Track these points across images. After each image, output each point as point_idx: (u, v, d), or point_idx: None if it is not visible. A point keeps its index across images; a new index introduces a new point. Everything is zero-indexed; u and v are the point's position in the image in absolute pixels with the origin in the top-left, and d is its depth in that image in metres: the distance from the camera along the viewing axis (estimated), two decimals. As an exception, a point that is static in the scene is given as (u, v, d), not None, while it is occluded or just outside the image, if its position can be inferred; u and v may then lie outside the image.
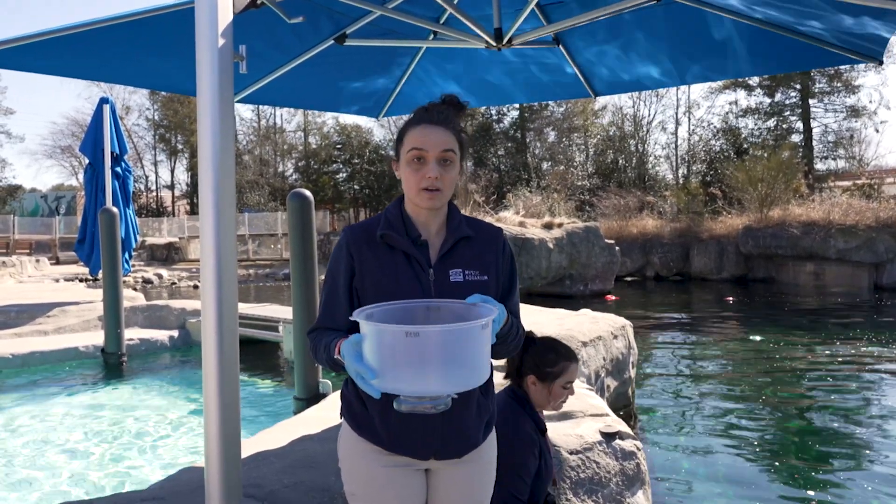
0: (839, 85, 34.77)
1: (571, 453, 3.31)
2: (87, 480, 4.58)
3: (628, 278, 24.04)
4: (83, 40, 2.77)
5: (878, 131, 40.28)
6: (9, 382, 7.25)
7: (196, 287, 23.99)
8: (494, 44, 3.51)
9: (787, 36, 3.51)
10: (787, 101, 36.40)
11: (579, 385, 4.50)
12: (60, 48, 2.81)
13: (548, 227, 18.55)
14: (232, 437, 2.01)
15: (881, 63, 3.50)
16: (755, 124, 37.56)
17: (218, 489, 1.99)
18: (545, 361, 2.51)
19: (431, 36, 3.94)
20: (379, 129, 45.56)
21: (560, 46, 4.07)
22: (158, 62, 3.37)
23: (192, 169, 46.29)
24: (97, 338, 8.47)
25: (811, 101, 35.33)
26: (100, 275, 9.08)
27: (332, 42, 3.71)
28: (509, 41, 3.52)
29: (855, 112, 34.99)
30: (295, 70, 3.96)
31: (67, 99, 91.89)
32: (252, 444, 3.37)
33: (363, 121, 49.60)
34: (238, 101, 4.21)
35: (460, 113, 1.89)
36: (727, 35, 3.71)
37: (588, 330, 5.93)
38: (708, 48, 3.91)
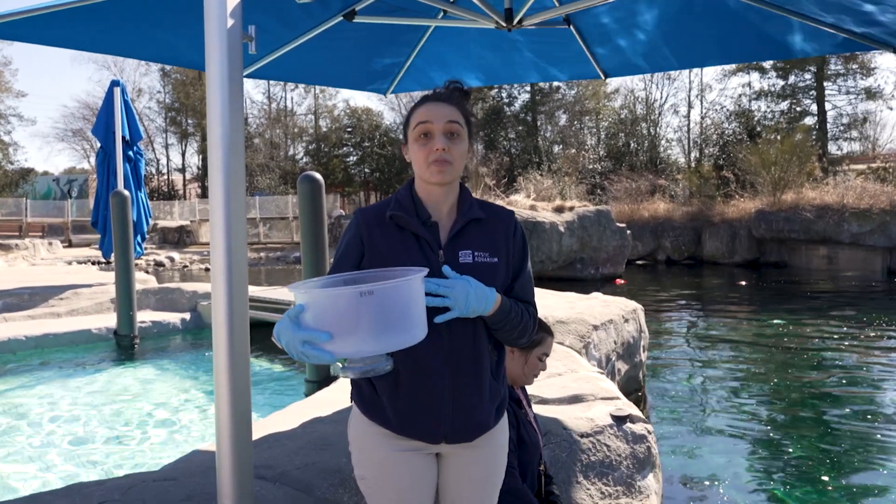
0: (855, 66, 34.30)
1: (582, 436, 3.31)
2: (99, 461, 4.62)
3: (639, 262, 23.96)
4: (92, 12, 2.76)
5: (891, 109, 39.74)
6: (22, 364, 7.32)
7: (207, 270, 24.10)
8: (504, 24, 3.47)
9: (802, 21, 3.46)
10: (801, 84, 35.96)
11: (590, 368, 4.49)
12: (69, 20, 2.80)
13: (559, 210, 18.49)
14: (243, 418, 2.02)
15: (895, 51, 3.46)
16: (768, 107, 37.16)
17: (229, 470, 1.99)
18: None
19: (441, 14, 3.90)
20: (389, 112, 45.47)
21: (571, 27, 4.02)
22: (167, 35, 3.35)
23: (203, 152, 46.35)
24: (110, 320, 8.53)
25: (825, 84, 34.89)
26: (112, 257, 9.13)
27: (341, 18, 3.69)
28: (520, 22, 3.48)
29: (870, 94, 34.55)
30: (303, 45, 3.93)
31: (79, 82, 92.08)
32: (264, 426, 3.39)
33: (373, 104, 49.53)
34: (246, 76, 4.18)
35: (466, 98, 1.90)
36: (740, 18, 3.66)
37: (599, 313, 5.91)
38: (720, 31, 3.86)
